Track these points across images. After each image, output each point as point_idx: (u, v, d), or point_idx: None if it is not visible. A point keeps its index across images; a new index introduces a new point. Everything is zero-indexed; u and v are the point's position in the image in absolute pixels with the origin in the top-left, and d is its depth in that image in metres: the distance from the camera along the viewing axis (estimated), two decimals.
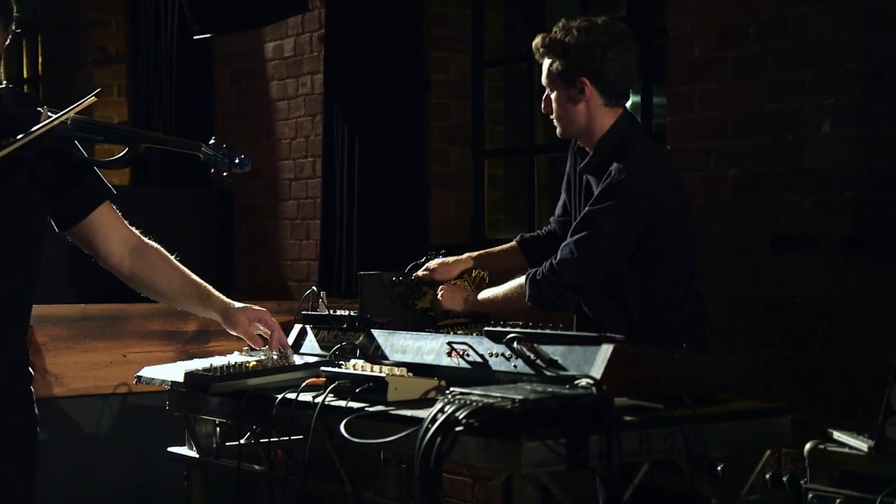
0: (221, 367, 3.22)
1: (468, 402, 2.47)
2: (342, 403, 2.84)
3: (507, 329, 2.93)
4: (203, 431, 3.50)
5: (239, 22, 6.05)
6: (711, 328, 4.27)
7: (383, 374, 2.86)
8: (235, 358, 3.38)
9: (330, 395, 2.92)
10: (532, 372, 2.82)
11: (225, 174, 3.10)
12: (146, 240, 3.07)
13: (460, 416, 2.43)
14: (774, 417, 2.78)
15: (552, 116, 3.58)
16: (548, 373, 2.76)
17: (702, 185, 4.37)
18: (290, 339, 3.60)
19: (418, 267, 3.97)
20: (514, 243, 3.97)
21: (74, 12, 8.32)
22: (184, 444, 3.56)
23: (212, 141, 3.11)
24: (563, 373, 2.73)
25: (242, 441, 3.42)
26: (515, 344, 2.87)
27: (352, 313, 3.48)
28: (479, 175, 5.71)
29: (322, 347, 3.47)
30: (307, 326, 3.59)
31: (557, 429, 2.44)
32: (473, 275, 4.01)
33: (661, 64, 4.77)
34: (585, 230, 3.39)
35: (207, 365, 3.29)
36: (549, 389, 2.56)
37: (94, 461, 4.17)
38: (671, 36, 4.54)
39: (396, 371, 2.93)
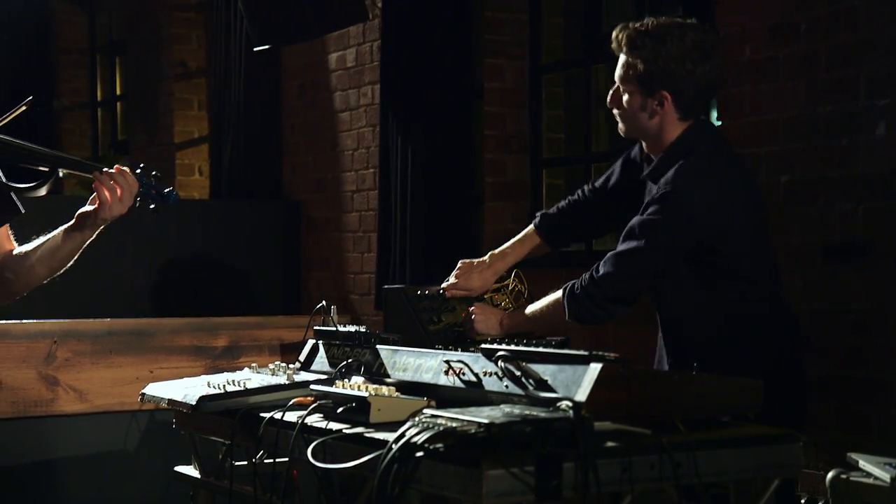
0: (218, 385, 3.12)
1: (432, 425, 2.32)
2: (324, 424, 2.72)
3: (500, 347, 2.76)
4: (212, 450, 3.41)
5: (297, 32, 5.97)
6: None
7: (366, 395, 2.72)
8: (242, 375, 3.28)
9: (317, 415, 2.80)
10: (522, 392, 2.65)
11: (151, 206, 3.04)
12: (15, 248, 3.01)
13: (419, 441, 2.28)
14: (783, 444, 2.55)
15: (616, 112, 3.35)
16: (536, 394, 2.58)
17: None
18: (303, 356, 3.49)
19: None
20: (531, 228, 3.73)
21: (156, 29, 8.39)
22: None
23: (139, 169, 3.03)
24: (550, 394, 2.55)
25: (255, 460, 3.32)
26: (504, 363, 2.69)
27: (360, 329, 3.35)
28: (537, 185, 5.53)
29: (331, 364, 3.35)
30: (319, 342, 3.47)
31: (527, 455, 2.27)
32: (511, 287, 3.85)
33: None
34: (627, 243, 3.23)
35: (206, 382, 3.20)
36: (526, 412, 2.39)
37: (120, 479, 4.11)
38: (721, 35, 4.30)
39: (385, 391, 2.79)
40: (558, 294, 3.37)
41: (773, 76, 4.09)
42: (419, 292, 3.74)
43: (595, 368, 2.51)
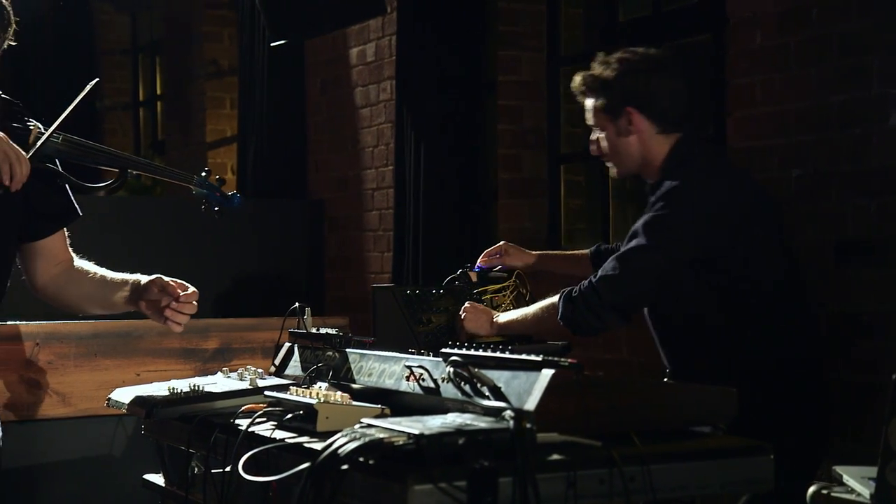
0: (178, 390, 3.00)
1: (361, 435, 2.17)
2: (271, 433, 2.58)
3: (454, 351, 2.60)
4: (181, 457, 3.29)
5: (314, 26, 5.86)
6: None
7: (313, 402, 2.58)
8: (208, 380, 3.15)
9: (271, 423, 2.66)
10: (475, 400, 2.48)
11: (216, 209, 3.09)
12: (76, 260, 3.04)
13: (344, 453, 2.13)
14: (751, 457, 2.36)
15: (605, 160, 3.34)
16: (483, 402, 2.42)
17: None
18: (278, 360, 3.37)
19: (454, 281, 3.71)
20: (587, 251, 3.73)
21: (189, 28, 8.34)
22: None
23: (204, 172, 3.07)
24: (499, 403, 2.38)
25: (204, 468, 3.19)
26: (454, 369, 2.53)
27: (332, 331, 3.20)
28: (555, 181, 5.35)
29: (304, 368, 3.22)
30: (295, 346, 3.34)
31: (461, 470, 2.10)
32: (512, 288, 3.72)
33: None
34: (631, 243, 3.10)
35: (168, 387, 3.08)
36: (468, 423, 2.22)
37: (105, 485, 4.00)
38: (732, 22, 4.10)
39: (337, 398, 2.65)
40: (554, 298, 3.23)
41: (785, 64, 3.87)
42: (409, 292, 3.63)
43: (546, 375, 2.34)
